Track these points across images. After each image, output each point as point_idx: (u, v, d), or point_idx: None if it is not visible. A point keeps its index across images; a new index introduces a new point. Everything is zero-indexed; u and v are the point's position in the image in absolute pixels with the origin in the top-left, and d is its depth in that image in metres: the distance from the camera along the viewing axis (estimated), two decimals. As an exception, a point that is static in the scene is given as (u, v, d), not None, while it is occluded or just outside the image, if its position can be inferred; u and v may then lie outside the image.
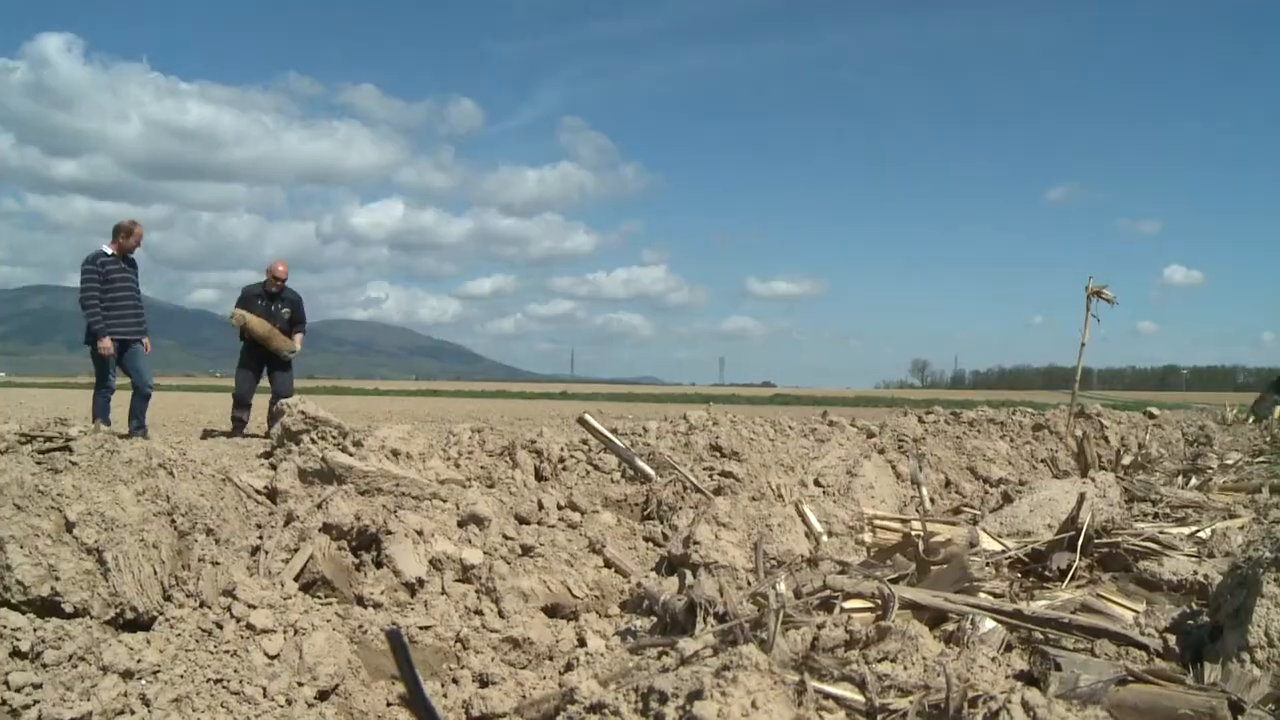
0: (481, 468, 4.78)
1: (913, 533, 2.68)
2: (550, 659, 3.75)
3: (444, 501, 4.35)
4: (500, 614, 3.88)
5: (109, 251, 10.45)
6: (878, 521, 3.06)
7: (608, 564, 4.36)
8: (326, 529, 3.93)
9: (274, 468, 4.41)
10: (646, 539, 4.58)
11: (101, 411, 10.66)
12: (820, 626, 1.72)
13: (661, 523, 4.62)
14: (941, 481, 7.21)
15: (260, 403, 11.93)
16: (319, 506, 3.99)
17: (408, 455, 4.50)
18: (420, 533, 4.05)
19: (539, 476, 4.86)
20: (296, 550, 3.79)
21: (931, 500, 6.54)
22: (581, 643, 3.83)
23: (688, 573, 3.50)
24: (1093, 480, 4.34)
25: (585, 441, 4.92)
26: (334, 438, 4.49)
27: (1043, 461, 9.62)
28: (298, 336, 12.31)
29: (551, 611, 4.07)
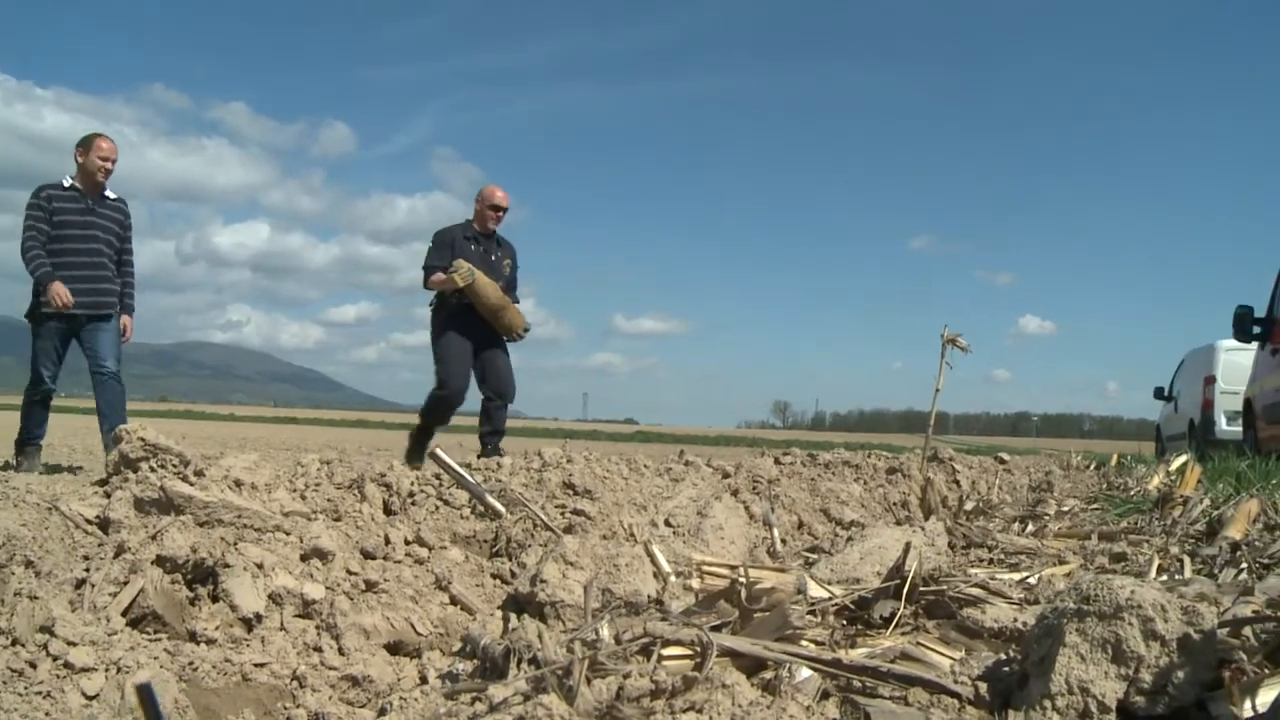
0: (329, 500, 4.71)
1: (738, 579, 2.77)
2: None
3: (287, 534, 4.26)
4: (340, 651, 3.82)
5: (67, 183, 7.50)
6: (705, 567, 3.16)
7: (454, 601, 4.34)
8: (160, 561, 3.81)
9: (108, 496, 4.25)
10: (495, 576, 4.58)
11: (34, 425, 7.70)
12: (626, 676, 1.78)
13: (510, 560, 4.62)
14: (794, 523, 7.40)
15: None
16: (153, 538, 3.87)
17: (252, 486, 4.39)
18: (260, 566, 3.96)
19: (388, 511, 4.81)
20: (126, 583, 3.67)
21: (783, 542, 6.72)
22: (424, 680, 3.80)
23: (512, 616, 3.55)
24: (922, 528, 4.56)
25: (437, 476, 4.89)
26: (174, 466, 4.35)
27: (895, 505, 9.98)
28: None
29: (394, 649, 4.03)
